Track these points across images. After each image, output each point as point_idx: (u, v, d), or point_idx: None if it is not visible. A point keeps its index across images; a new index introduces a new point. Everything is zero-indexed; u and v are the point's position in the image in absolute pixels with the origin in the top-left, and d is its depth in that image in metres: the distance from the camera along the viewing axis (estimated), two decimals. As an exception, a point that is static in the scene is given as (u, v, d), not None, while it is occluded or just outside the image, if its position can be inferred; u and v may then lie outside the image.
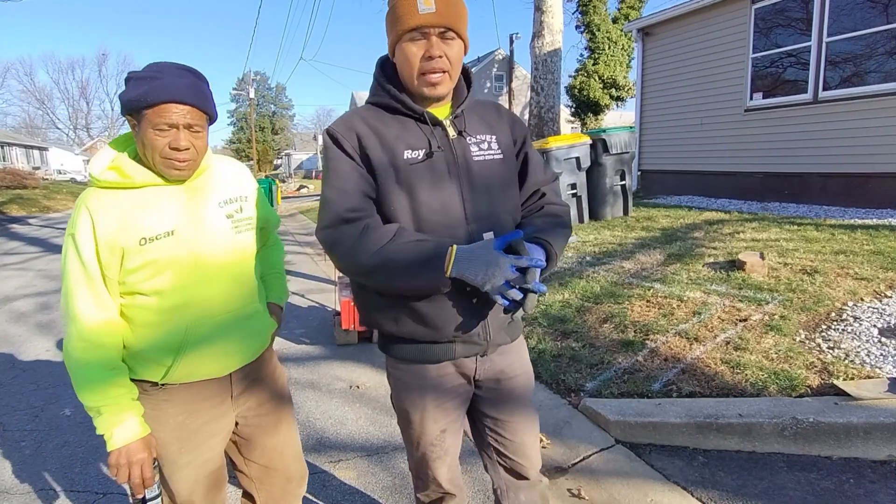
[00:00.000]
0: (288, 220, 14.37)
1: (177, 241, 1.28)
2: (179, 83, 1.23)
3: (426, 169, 1.23)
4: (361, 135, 1.23)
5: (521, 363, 1.44)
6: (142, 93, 1.20)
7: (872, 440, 2.31)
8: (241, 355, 1.42)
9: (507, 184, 1.33)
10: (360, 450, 2.67)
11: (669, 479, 2.28)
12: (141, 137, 1.24)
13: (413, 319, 1.26)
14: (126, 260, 1.24)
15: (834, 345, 3.02)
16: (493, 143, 1.32)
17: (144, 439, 1.29)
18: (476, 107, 1.38)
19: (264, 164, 47.30)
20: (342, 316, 4.11)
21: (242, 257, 1.41)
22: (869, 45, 6.74)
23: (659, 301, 3.86)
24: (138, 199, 1.27)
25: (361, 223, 1.19)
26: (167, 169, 1.26)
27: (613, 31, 21.04)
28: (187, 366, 1.32)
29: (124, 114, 1.25)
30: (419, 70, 1.21)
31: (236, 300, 1.39)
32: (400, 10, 1.20)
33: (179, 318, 1.29)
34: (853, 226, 5.49)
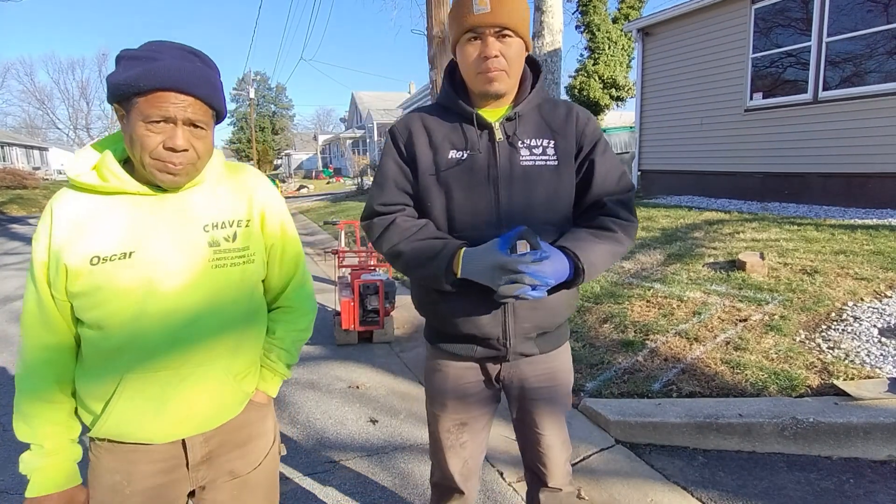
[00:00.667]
0: (288, 220, 14.35)
1: (132, 266, 1.01)
2: (182, 67, 0.98)
3: (464, 170, 1.26)
4: (414, 133, 1.30)
5: (555, 376, 1.40)
6: (133, 76, 0.96)
7: (872, 440, 2.31)
8: (195, 422, 1.10)
9: (556, 191, 1.27)
10: (360, 450, 2.67)
11: (669, 479, 2.28)
12: (129, 132, 1.00)
13: (440, 314, 1.33)
14: (70, 281, 1.00)
15: (834, 345, 3.02)
16: (549, 149, 1.27)
17: (67, 492, 1.06)
18: (543, 108, 1.32)
19: (264, 165, 47.27)
20: (342, 316, 4.11)
21: (214, 300, 1.08)
22: (869, 45, 6.74)
23: (659, 301, 3.86)
24: (110, 207, 1.03)
25: (390, 217, 1.30)
26: (158, 173, 1.01)
27: (613, 31, 21.04)
28: (117, 423, 1.05)
29: (111, 101, 1.00)
30: (475, 69, 1.23)
31: (195, 355, 1.07)
32: (457, 12, 1.23)
33: (117, 362, 1.03)
34: (853, 226, 5.49)
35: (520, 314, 1.28)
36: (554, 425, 1.43)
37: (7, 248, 10.12)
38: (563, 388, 1.43)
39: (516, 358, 1.35)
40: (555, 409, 1.42)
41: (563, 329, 1.42)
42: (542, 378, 1.39)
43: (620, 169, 1.33)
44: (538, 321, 1.30)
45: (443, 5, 5.09)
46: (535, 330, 1.31)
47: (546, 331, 1.34)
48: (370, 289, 4.14)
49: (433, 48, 5.16)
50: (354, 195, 18.63)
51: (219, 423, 1.14)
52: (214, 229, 1.09)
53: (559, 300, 1.31)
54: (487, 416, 1.46)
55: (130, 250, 1.01)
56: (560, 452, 1.45)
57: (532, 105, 1.30)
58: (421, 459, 2.57)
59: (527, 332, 1.31)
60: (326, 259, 7.79)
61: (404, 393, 3.33)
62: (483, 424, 1.46)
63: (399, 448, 2.68)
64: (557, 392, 1.42)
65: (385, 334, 4.25)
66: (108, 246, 1.01)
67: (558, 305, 1.32)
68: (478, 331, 1.29)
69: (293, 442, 2.77)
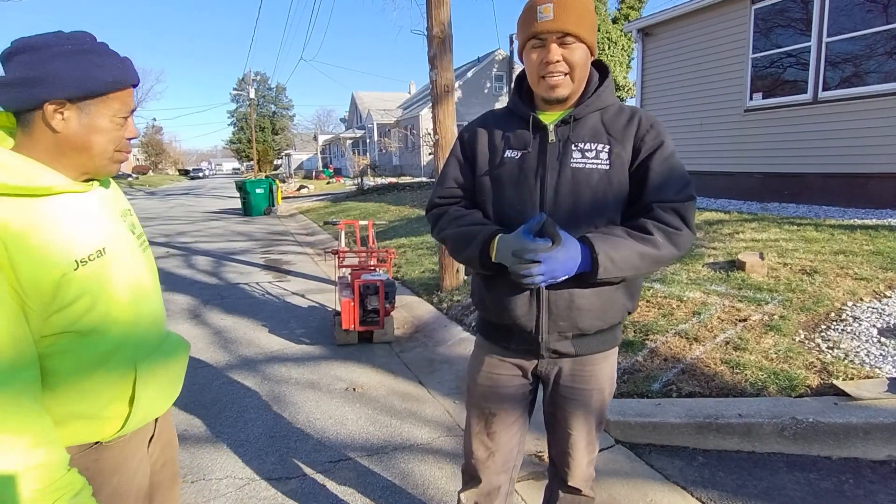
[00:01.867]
0: (288, 220, 14.38)
1: (108, 261, 1.01)
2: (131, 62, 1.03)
3: (515, 169, 1.33)
4: (478, 133, 1.42)
5: (591, 380, 1.40)
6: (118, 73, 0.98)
7: (872, 440, 2.31)
8: (176, 384, 1.21)
9: (605, 194, 1.28)
10: (360, 450, 2.68)
11: (669, 479, 2.28)
12: (88, 127, 0.97)
13: (484, 302, 1.42)
14: (61, 290, 0.93)
15: (833, 345, 3.03)
16: (603, 153, 1.29)
17: None
18: (607, 113, 1.34)
19: (264, 165, 47.32)
20: (342, 316, 4.12)
21: (155, 280, 1.19)
22: (869, 45, 6.74)
23: (659, 301, 3.86)
24: (56, 208, 0.95)
25: (444, 208, 1.45)
26: (114, 164, 1.04)
27: (613, 32, 21.07)
28: (141, 411, 1.08)
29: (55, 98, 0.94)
30: (538, 74, 1.29)
31: (163, 326, 1.19)
32: (522, 19, 1.30)
33: (126, 354, 1.05)
34: (853, 226, 5.49)
35: (554, 311, 1.30)
36: (581, 427, 1.43)
37: None
38: (598, 394, 1.42)
39: (551, 356, 1.37)
40: (586, 412, 1.42)
41: (605, 335, 1.38)
42: (578, 379, 1.40)
43: (683, 179, 1.30)
44: (574, 321, 1.31)
45: (443, 6, 5.09)
46: (571, 329, 1.32)
47: (584, 333, 1.34)
48: (370, 289, 4.14)
49: (433, 48, 5.16)
50: (354, 195, 18.63)
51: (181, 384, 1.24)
52: (126, 217, 1.14)
53: (597, 302, 1.30)
54: (519, 411, 1.48)
55: (102, 247, 1.01)
56: (584, 454, 1.46)
57: (592, 109, 1.33)
58: (421, 459, 2.57)
59: (562, 330, 1.32)
60: (326, 259, 7.79)
61: (404, 393, 3.34)
62: (515, 419, 1.48)
63: (399, 448, 2.68)
64: (591, 396, 1.41)
65: (385, 334, 4.26)
66: (85, 246, 0.97)
67: (597, 308, 1.30)
68: (512, 321, 1.34)
69: (293, 442, 2.77)
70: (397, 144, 32.25)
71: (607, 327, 1.36)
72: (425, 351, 4.06)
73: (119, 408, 1.05)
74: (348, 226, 5.94)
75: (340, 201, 17.17)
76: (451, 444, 2.71)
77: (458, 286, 5.24)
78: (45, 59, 0.93)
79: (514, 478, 1.58)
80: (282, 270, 7.30)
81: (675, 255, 1.26)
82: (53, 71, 0.92)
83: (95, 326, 0.99)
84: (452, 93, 5.30)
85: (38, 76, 0.92)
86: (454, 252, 1.38)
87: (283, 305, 5.46)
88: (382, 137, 33.43)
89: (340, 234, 5.70)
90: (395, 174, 29.12)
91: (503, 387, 1.45)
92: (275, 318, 4.94)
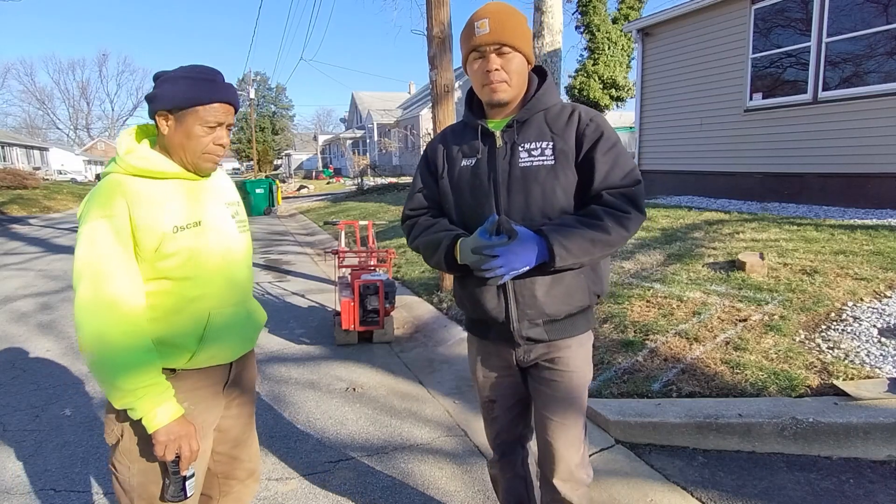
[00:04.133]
0: (288, 220, 14.37)
1: (203, 232, 1.34)
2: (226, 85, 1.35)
3: (471, 176, 1.45)
4: (438, 147, 1.55)
5: (567, 363, 1.46)
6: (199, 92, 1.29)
7: (872, 440, 2.31)
8: (246, 343, 1.49)
9: (553, 189, 1.36)
10: (360, 450, 2.67)
11: (669, 479, 2.28)
12: (184, 132, 1.30)
13: (461, 300, 1.53)
14: (163, 245, 1.27)
15: (834, 345, 3.03)
16: (548, 150, 1.38)
17: (185, 416, 1.30)
18: (550, 113, 1.42)
19: (264, 165, 47.29)
20: (342, 316, 4.12)
21: (246, 254, 1.49)
22: (869, 45, 6.74)
23: (659, 301, 3.86)
24: (169, 188, 1.32)
25: (415, 220, 1.57)
26: (205, 163, 1.35)
27: (613, 32, 21.05)
28: (208, 351, 1.36)
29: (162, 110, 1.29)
30: (481, 82, 1.40)
31: (244, 292, 1.48)
32: (463, 35, 1.41)
33: (203, 305, 1.35)
34: (853, 226, 5.49)
35: (521, 301, 1.39)
36: (559, 411, 1.47)
37: (7, 248, 10.12)
38: (577, 378, 1.47)
39: (526, 343, 1.45)
40: (564, 397, 1.47)
41: (576, 320, 1.45)
42: (554, 361, 1.47)
43: (628, 165, 1.38)
44: (541, 308, 1.39)
45: (443, 6, 5.09)
46: (540, 316, 1.40)
47: (554, 318, 1.42)
48: (370, 289, 4.14)
49: (433, 48, 5.16)
50: (354, 195, 18.63)
51: (252, 346, 1.55)
52: (230, 206, 1.47)
53: (559, 288, 1.38)
54: (515, 397, 1.59)
55: (199, 219, 1.35)
56: (565, 446, 1.48)
57: (535, 111, 1.42)
58: (421, 459, 2.57)
59: (531, 318, 1.41)
60: (326, 259, 7.79)
61: (404, 393, 3.34)
62: (512, 403, 1.61)
63: (399, 448, 2.68)
64: (570, 380, 1.46)
65: (385, 334, 4.26)
66: (184, 217, 1.32)
67: (561, 293, 1.39)
68: (485, 315, 1.44)
69: (293, 442, 2.77)
70: (397, 144, 32.24)
71: (576, 311, 1.43)
72: (425, 351, 4.05)
73: (191, 342, 1.33)
74: (348, 226, 5.95)
75: (340, 201, 17.16)
76: (451, 444, 2.71)
77: (458, 286, 5.23)
78: (160, 83, 1.31)
79: (527, 457, 1.75)
80: (282, 270, 7.29)
81: (625, 237, 1.34)
82: (161, 91, 1.29)
83: (187, 276, 1.31)
84: (452, 93, 5.30)
85: (154, 95, 1.30)
86: (426, 259, 1.49)
87: (283, 305, 5.46)
88: (382, 137, 33.43)
89: (340, 234, 5.70)
90: (395, 174, 29.11)
91: (495, 376, 1.58)
92: (275, 318, 4.94)
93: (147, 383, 1.24)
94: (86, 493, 2.40)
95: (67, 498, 2.36)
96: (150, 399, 1.24)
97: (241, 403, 1.55)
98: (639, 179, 1.38)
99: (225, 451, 1.54)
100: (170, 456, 1.27)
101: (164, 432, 1.25)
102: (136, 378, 1.23)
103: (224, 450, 1.54)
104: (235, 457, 1.56)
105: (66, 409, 3.23)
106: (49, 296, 6.09)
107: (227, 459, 1.55)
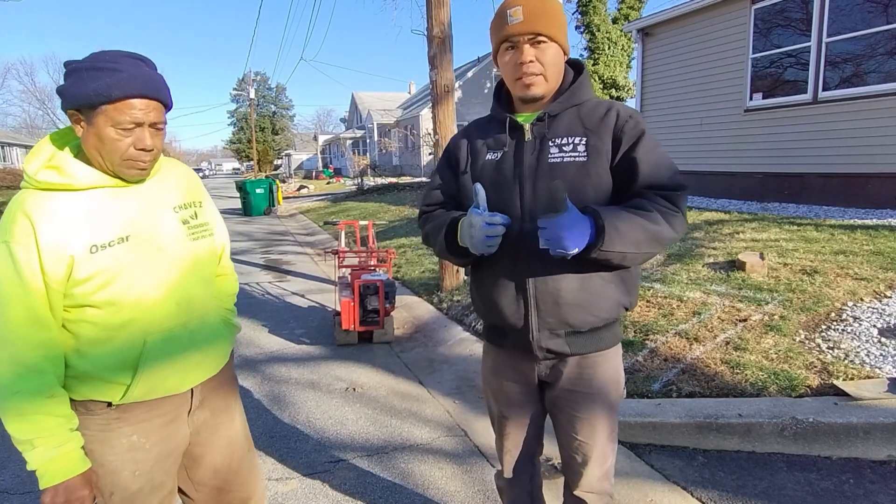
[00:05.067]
0: (288, 220, 14.38)
1: (131, 247, 1.15)
2: (142, 75, 1.11)
3: (495, 170, 1.36)
4: (461, 141, 1.47)
5: (591, 383, 1.36)
6: (103, 86, 1.07)
7: (872, 440, 2.31)
8: (202, 369, 1.31)
9: (583, 186, 1.26)
10: (360, 450, 2.67)
11: (669, 479, 2.28)
12: (95, 135, 1.10)
13: (477, 303, 1.46)
14: (75, 269, 1.10)
15: (834, 345, 3.02)
16: (580, 146, 1.28)
17: (84, 475, 1.14)
18: (584, 108, 1.33)
19: (264, 165, 47.28)
20: (342, 316, 4.12)
21: (200, 266, 1.30)
22: (869, 45, 6.74)
23: (659, 301, 3.86)
24: (85, 202, 1.13)
25: (430, 214, 1.50)
26: (128, 170, 1.15)
27: (613, 32, 21.07)
28: (146, 383, 1.19)
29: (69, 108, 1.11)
30: (513, 76, 1.31)
31: (195, 311, 1.28)
32: (494, 24, 1.32)
33: (133, 332, 1.17)
34: (853, 226, 5.49)
35: (542, 307, 1.29)
36: (586, 432, 1.39)
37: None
38: (602, 398, 1.37)
39: (546, 356, 1.35)
40: (590, 417, 1.38)
41: (602, 333, 1.34)
42: (577, 382, 1.36)
43: (672, 168, 1.28)
44: (563, 316, 1.28)
45: (443, 6, 5.09)
46: (561, 326, 1.30)
47: (577, 329, 1.31)
48: (370, 289, 4.14)
49: (433, 48, 5.16)
50: (355, 195, 18.62)
51: (220, 367, 1.36)
52: (181, 210, 1.28)
53: (585, 296, 1.27)
54: (529, 414, 1.48)
55: (126, 234, 1.15)
56: (593, 462, 1.41)
57: (567, 105, 1.32)
58: (421, 459, 2.57)
59: (552, 327, 1.30)
60: (326, 259, 7.79)
61: (404, 393, 3.34)
62: (526, 421, 1.49)
63: (399, 448, 2.68)
64: (592, 400, 1.36)
65: (385, 334, 4.25)
66: (105, 234, 1.13)
67: (586, 302, 1.28)
68: (502, 320, 1.35)
69: (293, 442, 2.77)
70: (397, 144, 32.23)
71: (602, 324, 1.32)
72: (425, 351, 4.05)
73: (123, 376, 1.17)
74: (348, 226, 5.95)
75: (340, 201, 17.16)
76: (451, 444, 2.71)
77: (458, 286, 5.24)
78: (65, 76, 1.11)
79: (536, 472, 1.63)
80: (282, 270, 7.29)
81: (672, 237, 1.23)
82: (65, 86, 1.10)
83: (111, 300, 1.14)
84: (452, 93, 5.29)
85: (59, 90, 1.10)
86: (432, 246, 1.44)
87: (283, 305, 5.46)
88: (382, 137, 33.41)
89: (340, 234, 5.70)
90: (395, 174, 29.10)
91: (509, 392, 1.46)
92: (275, 319, 4.94)
93: (38, 434, 1.09)
94: (86, 493, 2.39)
95: (67, 498, 2.36)
96: (41, 451, 1.09)
97: (214, 429, 1.36)
98: (684, 185, 1.27)
99: (205, 482, 1.38)
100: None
101: (52, 493, 1.11)
102: (26, 426, 1.08)
103: (204, 479, 1.38)
104: (220, 487, 1.40)
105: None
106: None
107: (210, 491, 1.39)
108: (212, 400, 1.37)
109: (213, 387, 1.37)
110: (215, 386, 1.38)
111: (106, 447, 1.20)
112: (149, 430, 1.23)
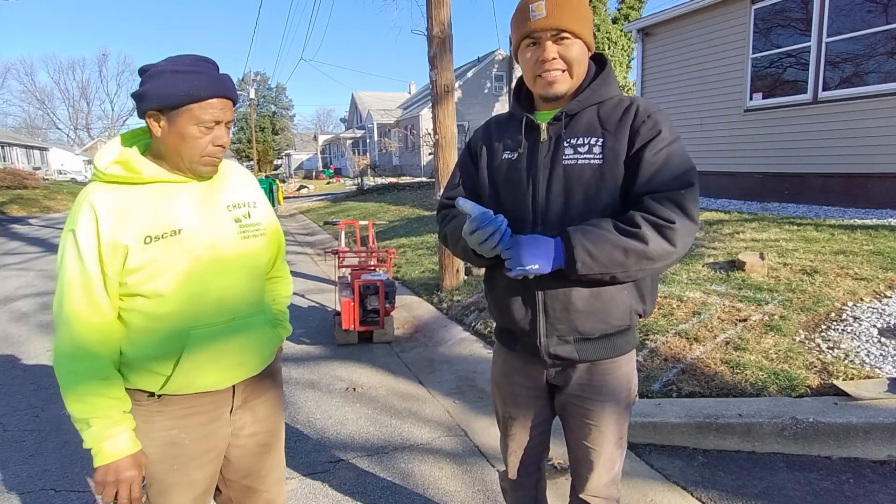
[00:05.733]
0: (288, 220, 14.38)
1: (182, 241, 1.20)
2: (220, 77, 1.20)
3: (510, 169, 1.34)
4: (481, 138, 1.44)
5: (601, 391, 1.33)
6: (191, 87, 1.15)
7: (872, 440, 2.31)
8: (244, 368, 1.33)
9: (598, 190, 1.22)
10: (360, 450, 2.68)
11: (669, 479, 2.28)
12: (178, 134, 1.17)
13: (490, 305, 1.45)
14: (128, 258, 1.15)
15: (834, 345, 3.02)
16: (596, 147, 1.23)
17: (135, 456, 1.19)
18: (605, 106, 1.28)
19: (264, 165, 47.28)
20: (342, 316, 4.12)
21: (248, 264, 1.32)
22: (869, 45, 6.74)
23: (659, 301, 3.86)
24: (145, 194, 1.19)
25: (448, 210, 1.46)
26: (205, 167, 1.22)
27: (613, 32, 21.07)
28: (186, 376, 1.23)
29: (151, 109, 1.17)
30: (534, 73, 1.27)
31: (241, 309, 1.31)
32: (515, 19, 1.28)
33: (179, 323, 1.21)
34: (853, 226, 5.49)
35: (551, 313, 1.27)
36: (594, 438, 1.37)
37: (7, 248, 10.12)
38: (612, 404, 1.34)
39: (555, 362, 1.33)
40: (599, 424, 1.35)
41: (614, 340, 1.31)
42: (587, 389, 1.34)
43: (680, 167, 1.20)
44: (573, 324, 1.26)
45: (443, 5, 5.09)
46: (570, 333, 1.27)
47: (587, 336, 1.28)
48: (370, 289, 4.14)
49: (433, 48, 5.16)
50: (355, 195, 18.62)
51: (262, 368, 1.38)
52: (234, 209, 1.31)
53: (596, 303, 1.24)
54: (536, 419, 1.46)
55: (178, 228, 1.20)
56: (600, 466, 1.39)
57: (586, 104, 1.27)
58: (421, 459, 2.57)
59: (561, 333, 1.28)
60: (326, 259, 7.79)
61: (404, 393, 3.34)
62: (533, 424, 1.47)
63: (399, 448, 2.68)
64: (603, 406, 1.33)
65: (385, 334, 4.26)
66: (159, 226, 1.18)
67: (597, 310, 1.25)
68: (512, 324, 1.35)
69: (293, 442, 2.77)
70: (397, 144, 32.23)
71: (613, 331, 1.29)
72: (425, 351, 4.05)
73: (165, 366, 1.21)
74: (348, 226, 5.95)
75: (340, 201, 17.16)
76: (451, 444, 2.71)
77: (458, 286, 5.24)
78: (146, 78, 1.17)
79: (542, 477, 1.60)
80: (282, 270, 7.29)
81: (669, 251, 1.15)
82: (148, 88, 1.16)
83: (158, 291, 1.18)
84: (452, 93, 5.30)
85: (141, 93, 1.16)
86: (452, 248, 1.41)
87: (283, 305, 5.46)
88: (382, 137, 33.41)
89: (340, 234, 5.71)
90: (395, 174, 29.10)
91: (518, 395, 1.45)
92: (275, 318, 4.94)
93: (94, 414, 1.15)
94: (86, 493, 2.40)
95: (67, 498, 2.36)
96: (96, 431, 1.15)
97: (252, 434, 1.39)
98: (691, 182, 1.19)
99: (236, 480, 1.42)
100: (107, 497, 1.17)
101: (104, 471, 1.16)
102: (83, 406, 1.15)
103: (235, 478, 1.42)
104: (248, 486, 1.44)
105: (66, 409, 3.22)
106: (49, 296, 6.08)
107: (240, 488, 1.44)
108: (255, 402, 1.39)
109: (256, 389, 1.39)
110: (259, 388, 1.40)
111: (146, 440, 1.24)
112: (188, 426, 1.27)
